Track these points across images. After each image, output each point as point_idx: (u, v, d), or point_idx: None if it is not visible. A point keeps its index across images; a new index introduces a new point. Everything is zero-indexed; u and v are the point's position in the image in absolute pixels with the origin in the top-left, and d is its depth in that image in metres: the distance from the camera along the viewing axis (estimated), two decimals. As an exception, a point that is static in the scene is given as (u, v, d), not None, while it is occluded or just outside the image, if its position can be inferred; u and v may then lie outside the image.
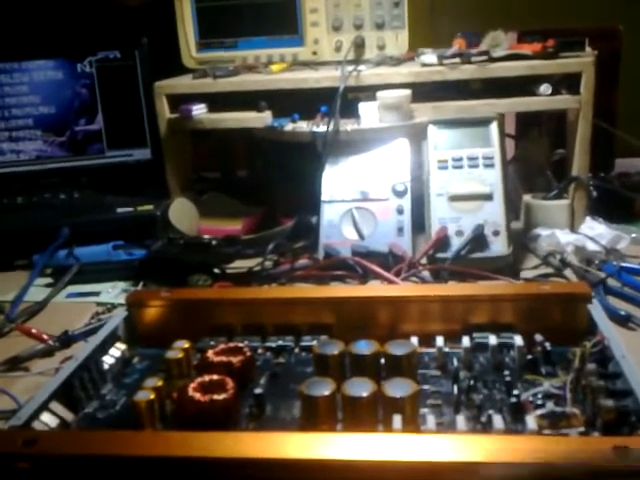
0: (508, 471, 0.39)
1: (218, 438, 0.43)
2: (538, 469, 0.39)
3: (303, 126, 0.97)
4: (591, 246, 0.87)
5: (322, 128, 0.95)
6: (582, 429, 0.47)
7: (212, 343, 0.62)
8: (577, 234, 0.91)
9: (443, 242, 0.84)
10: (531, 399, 0.50)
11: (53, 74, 1.14)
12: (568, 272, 0.83)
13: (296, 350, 0.62)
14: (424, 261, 0.85)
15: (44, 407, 0.51)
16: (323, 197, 0.93)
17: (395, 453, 0.40)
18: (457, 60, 0.96)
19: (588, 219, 0.95)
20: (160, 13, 1.15)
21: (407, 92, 0.95)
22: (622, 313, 0.70)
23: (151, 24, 1.21)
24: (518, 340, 0.57)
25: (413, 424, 0.48)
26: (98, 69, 1.14)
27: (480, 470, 0.39)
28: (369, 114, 0.96)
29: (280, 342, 0.62)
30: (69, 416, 0.53)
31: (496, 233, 0.84)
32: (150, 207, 1.01)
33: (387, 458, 0.40)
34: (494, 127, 0.90)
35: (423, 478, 0.40)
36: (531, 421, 0.47)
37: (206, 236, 0.90)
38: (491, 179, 0.87)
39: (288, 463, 0.41)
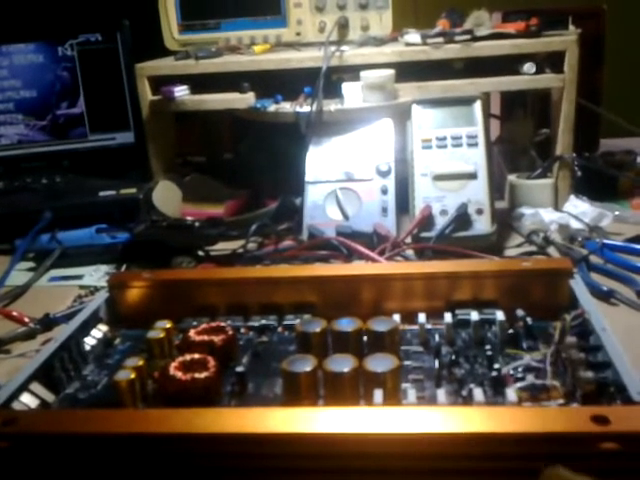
0: (487, 441, 0.39)
1: (198, 414, 0.43)
2: (517, 438, 0.39)
3: (286, 107, 0.96)
4: (575, 224, 0.87)
5: (305, 109, 0.94)
6: (562, 401, 0.47)
7: (194, 323, 0.61)
8: (561, 212, 0.91)
9: (427, 221, 0.84)
10: (511, 372, 0.50)
11: (34, 58, 1.13)
12: (552, 250, 0.83)
13: (279, 329, 0.61)
14: (408, 240, 0.85)
15: (24, 388, 0.51)
16: (307, 178, 0.93)
17: (374, 425, 0.40)
18: (441, 40, 0.96)
19: (572, 197, 0.95)
20: (142, -5, 1.13)
21: (391, 72, 0.95)
22: (604, 289, 0.70)
23: (132, 6, 1.19)
24: (500, 315, 0.57)
25: (394, 398, 0.48)
26: (79, 52, 1.13)
27: (458, 440, 0.39)
28: (353, 94, 0.95)
29: (263, 321, 0.62)
30: (50, 397, 0.53)
31: (480, 212, 0.84)
32: (133, 190, 1.00)
33: (366, 430, 0.40)
34: (478, 106, 0.90)
35: (402, 450, 0.40)
36: (511, 394, 0.47)
37: (189, 218, 0.89)
38: (475, 158, 0.87)
39: (269, 438, 0.41)
